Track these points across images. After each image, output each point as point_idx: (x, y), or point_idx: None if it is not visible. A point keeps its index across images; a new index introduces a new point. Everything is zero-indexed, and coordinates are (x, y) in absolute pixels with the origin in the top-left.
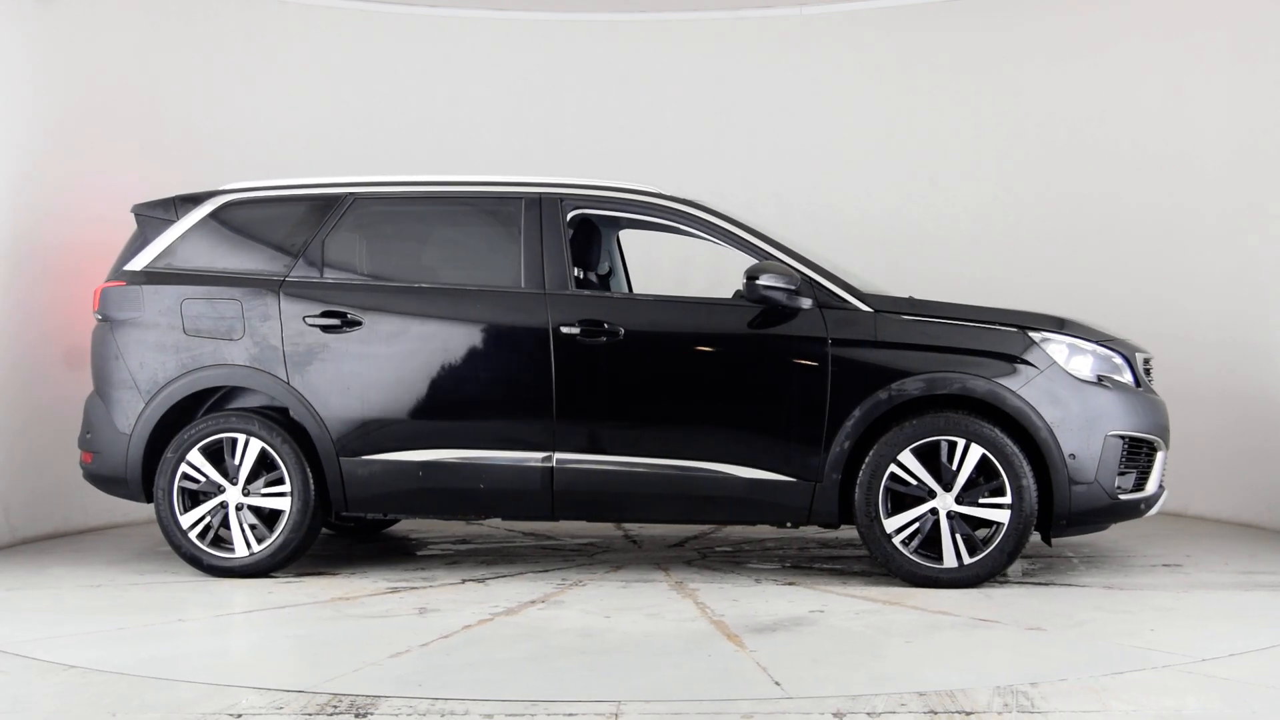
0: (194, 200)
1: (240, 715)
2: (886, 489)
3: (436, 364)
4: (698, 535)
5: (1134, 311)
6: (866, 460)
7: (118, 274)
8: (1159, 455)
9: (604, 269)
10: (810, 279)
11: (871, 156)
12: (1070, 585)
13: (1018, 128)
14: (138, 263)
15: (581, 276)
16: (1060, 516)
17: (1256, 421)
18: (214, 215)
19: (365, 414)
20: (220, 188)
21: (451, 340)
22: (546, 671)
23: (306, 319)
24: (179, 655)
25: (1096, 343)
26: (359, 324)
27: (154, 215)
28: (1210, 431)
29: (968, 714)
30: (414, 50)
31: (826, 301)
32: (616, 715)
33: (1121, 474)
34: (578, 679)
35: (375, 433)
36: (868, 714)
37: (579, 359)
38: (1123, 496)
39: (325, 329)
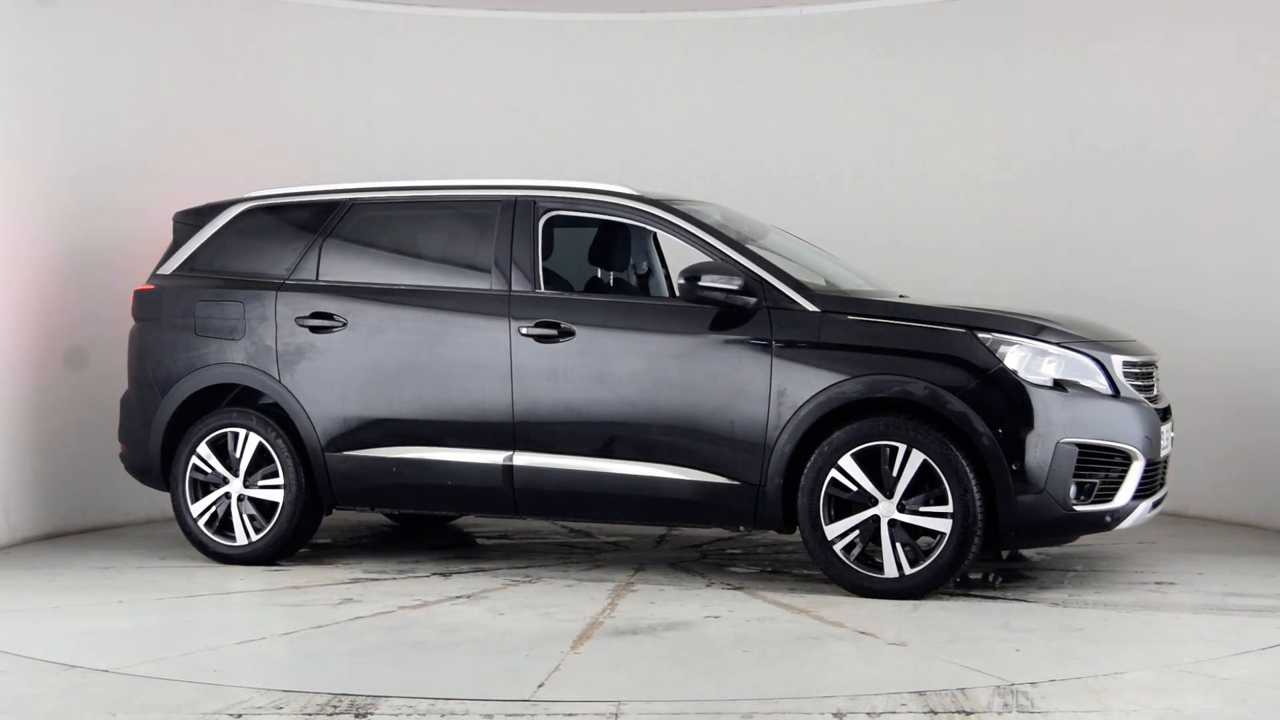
0: (218, 208)
1: (240, 715)
2: (829, 495)
3: (408, 363)
4: (730, 538)
5: (1137, 307)
6: (808, 465)
7: (150, 278)
8: (1135, 465)
9: (642, 269)
10: (760, 278)
11: (872, 155)
12: (1019, 600)
13: (1019, 126)
14: (168, 267)
15: (611, 280)
16: (1007, 528)
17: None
18: (234, 221)
19: (346, 411)
20: (243, 195)
21: (422, 340)
22: (357, 664)
23: (298, 320)
24: (62, 634)
25: (1065, 346)
26: (344, 324)
27: (186, 222)
28: (1215, 428)
29: (968, 714)
30: (415, 50)
31: (775, 302)
32: (616, 715)
33: (1080, 484)
34: (373, 674)
35: (356, 429)
36: (868, 714)
37: (536, 359)
38: (1080, 508)
39: (314, 329)
